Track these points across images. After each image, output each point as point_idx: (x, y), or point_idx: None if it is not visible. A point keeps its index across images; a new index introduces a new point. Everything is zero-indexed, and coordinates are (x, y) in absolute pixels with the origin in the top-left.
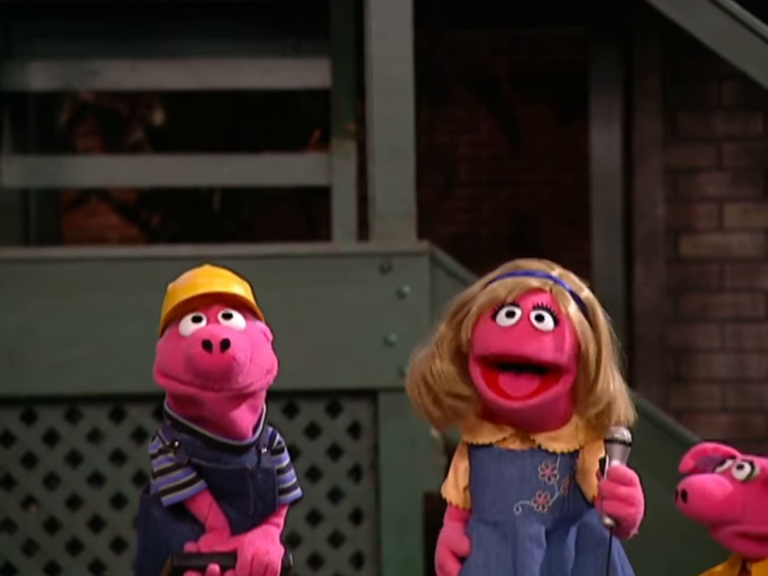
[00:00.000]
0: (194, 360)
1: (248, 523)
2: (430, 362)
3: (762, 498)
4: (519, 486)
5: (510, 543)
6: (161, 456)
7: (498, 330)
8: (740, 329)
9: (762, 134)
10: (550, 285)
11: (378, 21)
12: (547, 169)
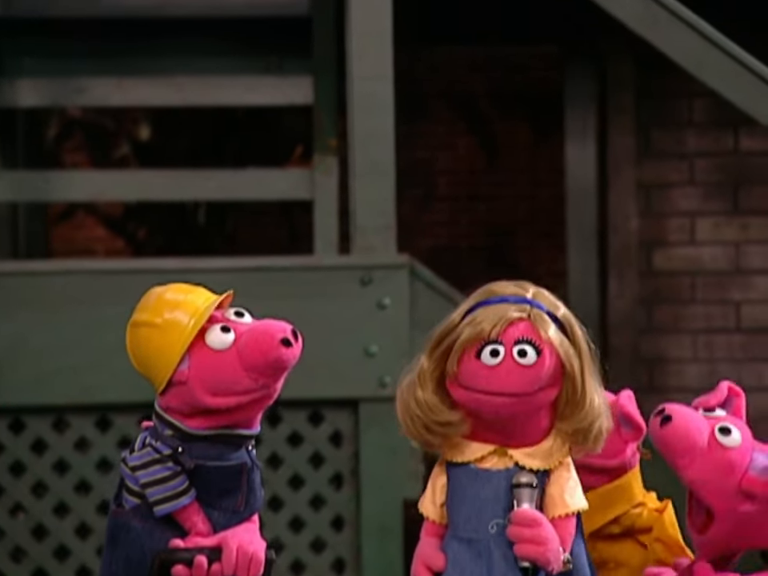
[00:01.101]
0: (279, 360)
1: (234, 521)
2: (414, 394)
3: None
4: (494, 505)
5: (485, 561)
6: (155, 466)
7: (484, 369)
8: (711, 339)
9: (733, 149)
10: (528, 310)
11: (359, 40)
12: (524, 183)
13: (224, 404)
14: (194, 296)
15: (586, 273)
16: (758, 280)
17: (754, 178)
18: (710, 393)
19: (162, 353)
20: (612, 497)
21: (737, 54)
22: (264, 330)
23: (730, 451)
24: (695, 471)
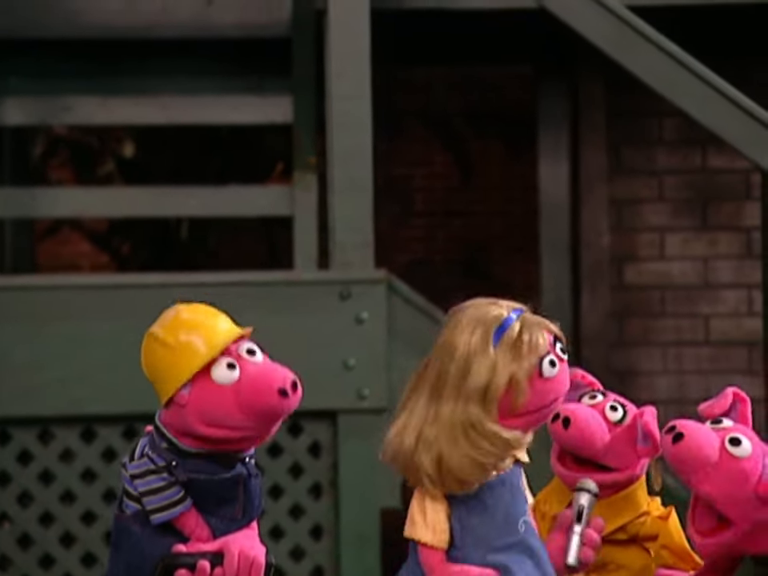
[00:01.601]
0: (272, 409)
1: (232, 528)
2: (485, 437)
3: (623, 444)
4: (518, 506)
5: (534, 559)
6: (151, 476)
7: (549, 382)
8: (680, 352)
9: (701, 167)
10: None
11: (338, 61)
12: (498, 200)
13: (215, 434)
14: (213, 322)
15: (559, 287)
16: (725, 294)
17: (721, 195)
18: (715, 400)
19: (168, 372)
20: (618, 506)
21: (705, 75)
22: (265, 375)
23: (742, 461)
24: (711, 485)
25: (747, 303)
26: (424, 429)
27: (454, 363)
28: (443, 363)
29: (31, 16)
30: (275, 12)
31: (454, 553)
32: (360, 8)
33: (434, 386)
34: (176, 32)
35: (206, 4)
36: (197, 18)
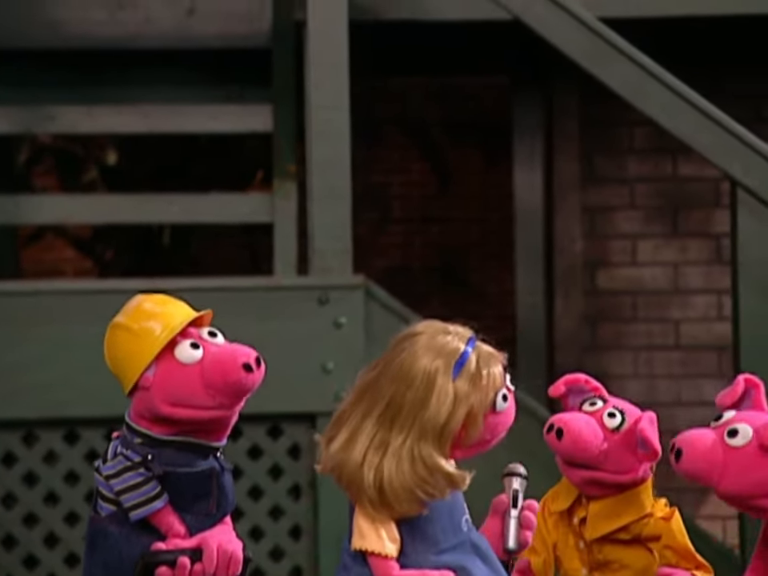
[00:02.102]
0: (238, 383)
1: (207, 523)
2: (441, 474)
3: (622, 450)
4: (459, 505)
5: (481, 556)
6: (128, 473)
7: (500, 416)
8: (651, 356)
9: (672, 175)
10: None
11: (317, 70)
12: (474, 207)
13: (179, 415)
14: (172, 308)
15: (534, 292)
16: (696, 299)
17: (691, 203)
18: (728, 388)
19: (132, 357)
20: (621, 506)
21: (675, 85)
22: (229, 353)
23: (745, 448)
24: (727, 483)
25: (717, 308)
26: (369, 453)
27: (410, 392)
28: (397, 390)
29: (16, 26)
30: (256, 23)
31: (403, 559)
32: (338, 19)
33: (384, 412)
34: (158, 42)
35: (188, 15)
36: (178, 29)
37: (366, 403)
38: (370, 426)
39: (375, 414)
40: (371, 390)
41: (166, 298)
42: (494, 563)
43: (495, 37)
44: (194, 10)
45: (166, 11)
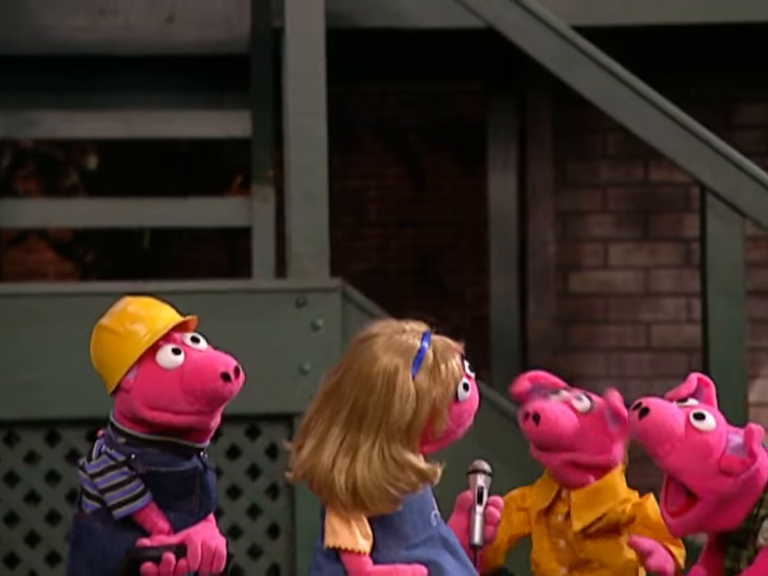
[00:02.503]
0: (216, 392)
1: (190, 521)
2: (411, 468)
3: (596, 430)
4: (428, 500)
5: (449, 549)
6: (111, 472)
7: (464, 404)
8: (623, 358)
9: (643, 180)
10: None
11: (295, 77)
12: (449, 211)
13: (158, 418)
14: (157, 312)
15: (508, 294)
16: (666, 302)
17: (662, 207)
18: (681, 384)
19: (115, 358)
20: (600, 494)
21: (645, 92)
22: (209, 361)
23: (706, 435)
24: (676, 457)
25: (687, 311)
26: (338, 458)
27: (373, 397)
28: (360, 395)
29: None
30: (235, 30)
31: (375, 555)
32: (316, 27)
33: (349, 417)
34: (138, 49)
35: (168, 22)
36: (159, 36)
37: (330, 409)
38: (337, 431)
39: (341, 419)
40: (335, 395)
41: (153, 301)
42: (462, 557)
43: (470, 44)
44: (174, 17)
45: (146, 18)
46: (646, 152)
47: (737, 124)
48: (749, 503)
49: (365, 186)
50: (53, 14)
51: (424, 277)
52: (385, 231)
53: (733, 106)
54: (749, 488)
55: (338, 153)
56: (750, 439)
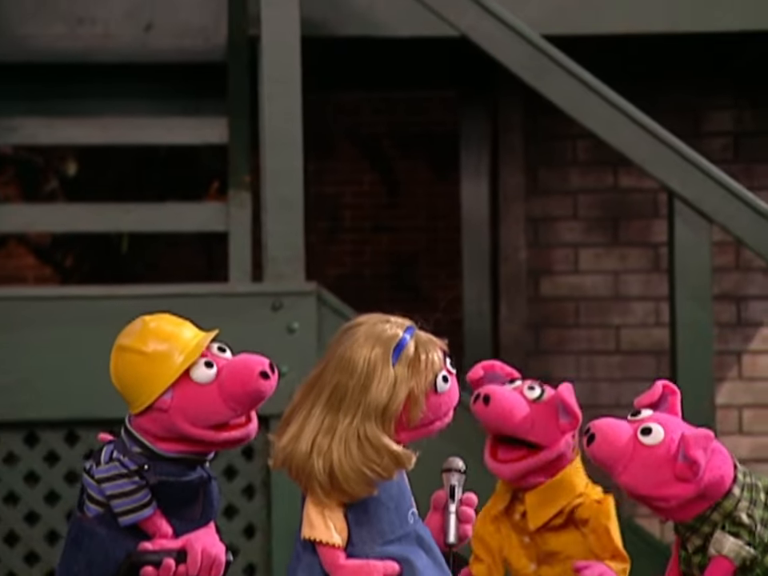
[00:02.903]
0: (258, 391)
1: (191, 528)
2: (387, 453)
3: (544, 419)
4: (406, 498)
5: (425, 548)
6: (121, 480)
7: (443, 396)
8: (593, 360)
9: (612, 187)
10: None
11: (270, 84)
12: (423, 217)
13: (200, 435)
14: (182, 330)
15: (480, 299)
16: (635, 306)
17: (631, 213)
18: (646, 392)
19: (147, 381)
20: (554, 492)
21: (614, 99)
22: (244, 363)
23: (654, 448)
24: (628, 476)
25: (655, 314)
26: (318, 438)
27: (353, 379)
28: (341, 378)
29: None
30: (212, 38)
31: (350, 549)
32: (291, 35)
33: (330, 399)
34: (117, 57)
35: (146, 30)
36: (137, 44)
37: (313, 396)
38: (318, 413)
39: (322, 402)
40: (317, 383)
41: (171, 317)
42: (436, 555)
43: (443, 53)
44: (152, 25)
45: (124, 27)
46: (616, 159)
47: (704, 132)
48: (707, 505)
49: (340, 192)
50: (32, 22)
51: (398, 281)
52: (360, 236)
53: (701, 114)
54: (710, 492)
55: (314, 159)
56: (687, 447)
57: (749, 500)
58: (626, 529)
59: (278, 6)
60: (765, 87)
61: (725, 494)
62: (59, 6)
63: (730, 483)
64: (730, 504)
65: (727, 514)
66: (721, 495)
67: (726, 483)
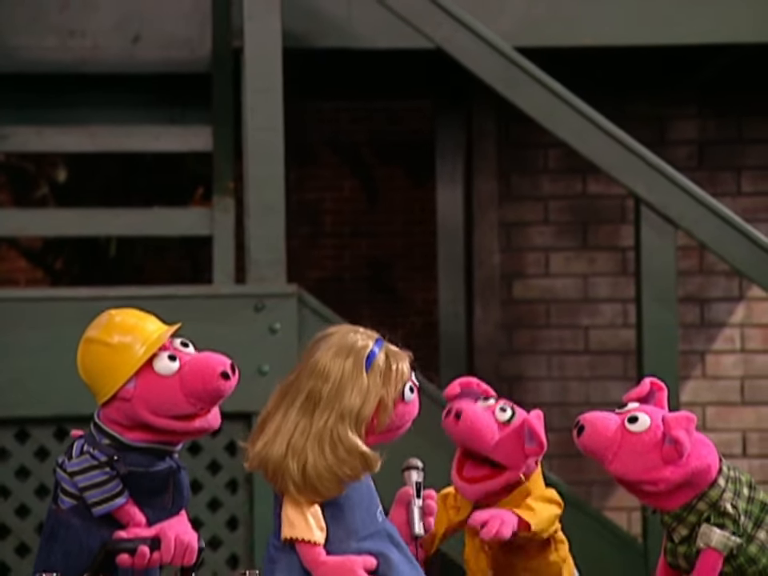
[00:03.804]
0: (218, 390)
1: (164, 516)
2: (360, 456)
3: (511, 442)
4: (374, 498)
5: (394, 543)
6: (93, 471)
7: (409, 405)
8: (563, 360)
9: (582, 193)
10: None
11: (253, 94)
12: (400, 222)
13: (161, 425)
14: (146, 323)
15: (455, 301)
16: (603, 307)
17: (599, 218)
18: (636, 388)
19: (110, 370)
20: (516, 503)
21: (583, 109)
22: (207, 362)
23: (641, 435)
24: (618, 463)
25: (623, 316)
26: (293, 439)
27: (328, 384)
28: (316, 384)
29: None
30: (197, 50)
31: (328, 547)
32: (273, 47)
33: (304, 403)
34: (106, 68)
35: (133, 42)
36: (125, 55)
37: (287, 401)
38: (293, 416)
39: (296, 406)
40: (291, 390)
41: (136, 311)
42: (405, 551)
43: (420, 64)
44: (140, 37)
45: (113, 39)
46: (585, 166)
47: (670, 140)
48: (693, 493)
49: (321, 198)
50: (25, 35)
51: (376, 284)
52: (340, 241)
53: (666, 123)
54: (697, 480)
55: (295, 166)
56: (669, 428)
57: (733, 491)
58: (595, 521)
59: (260, 19)
60: (728, 98)
61: (710, 483)
62: (51, 19)
63: (716, 474)
64: (716, 494)
65: (713, 503)
66: (707, 484)
67: (712, 473)
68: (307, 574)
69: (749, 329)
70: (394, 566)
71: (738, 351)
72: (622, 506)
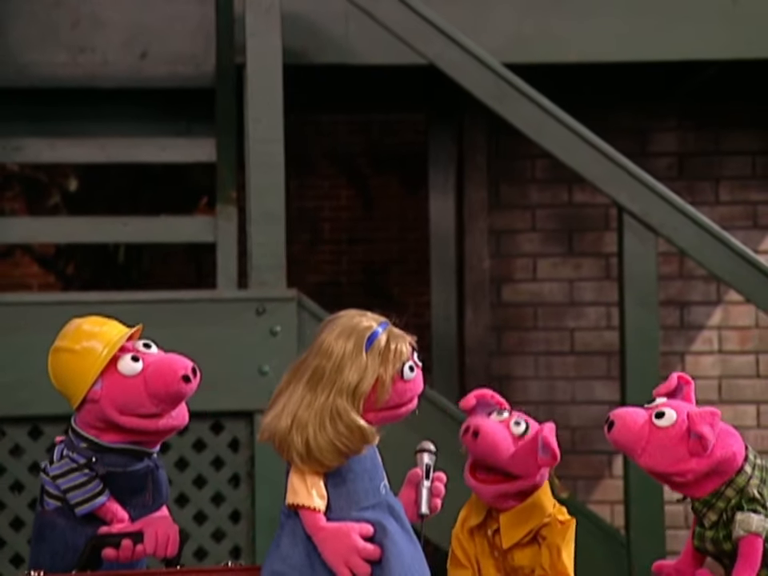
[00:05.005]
0: (179, 392)
1: (145, 513)
2: (358, 430)
3: (525, 454)
4: (378, 471)
5: (396, 516)
6: (74, 473)
7: (409, 383)
8: (550, 361)
9: (568, 202)
10: (390, 328)
11: (255, 108)
12: (395, 229)
13: (129, 423)
14: (108, 328)
15: (447, 304)
16: (588, 310)
17: (584, 226)
18: (663, 383)
19: (78, 375)
20: (526, 513)
21: (569, 122)
22: (169, 365)
23: (668, 429)
24: (647, 457)
25: (606, 318)
26: (298, 412)
27: (330, 363)
28: (320, 362)
29: None
30: (202, 66)
31: (330, 514)
32: (274, 63)
33: (310, 380)
34: (114, 82)
35: (141, 58)
36: (133, 71)
37: (296, 379)
38: (299, 392)
39: (303, 383)
40: (300, 368)
41: (101, 318)
42: (404, 523)
43: (413, 79)
44: (147, 53)
45: (121, 55)
46: (571, 177)
47: (651, 152)
48: (721, 481)
49: (319, 207)
50: (37, 51)
51: (372, 288)
52: (337, 247)
53: (648, 135)
54: (724, 468)
55: (295, 176)
56: (693, 424)
57: (759, 479)
58: (579, 514)
59: (261, 37)
60: (706, 111)
61: (737, 470)
62: (62, 37)
63: (742, 461)
64: (743, 480)
65: (740, 489)
66: (734, 471)
67: (739, 460)
68: (309, 537)
69: (726, 331)
70: (390, 535)
71: (716, 352)
72: (606, 500)
